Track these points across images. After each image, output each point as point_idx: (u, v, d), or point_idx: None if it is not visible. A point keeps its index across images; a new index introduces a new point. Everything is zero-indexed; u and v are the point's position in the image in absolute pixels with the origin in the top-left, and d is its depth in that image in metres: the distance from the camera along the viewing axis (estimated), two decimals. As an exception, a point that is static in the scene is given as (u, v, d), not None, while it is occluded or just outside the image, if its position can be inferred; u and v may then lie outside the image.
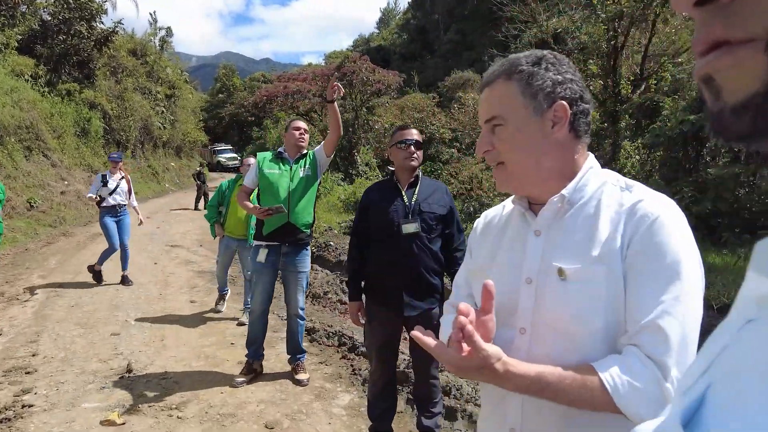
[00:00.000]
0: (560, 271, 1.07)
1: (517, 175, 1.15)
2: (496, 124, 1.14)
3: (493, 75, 1.16)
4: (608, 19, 11.85)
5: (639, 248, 1.01)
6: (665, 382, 0.95)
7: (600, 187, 1.13)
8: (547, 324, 1.09)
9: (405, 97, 27.45)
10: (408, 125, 3.08)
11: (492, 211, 1.37)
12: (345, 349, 4.71)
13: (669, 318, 0.96)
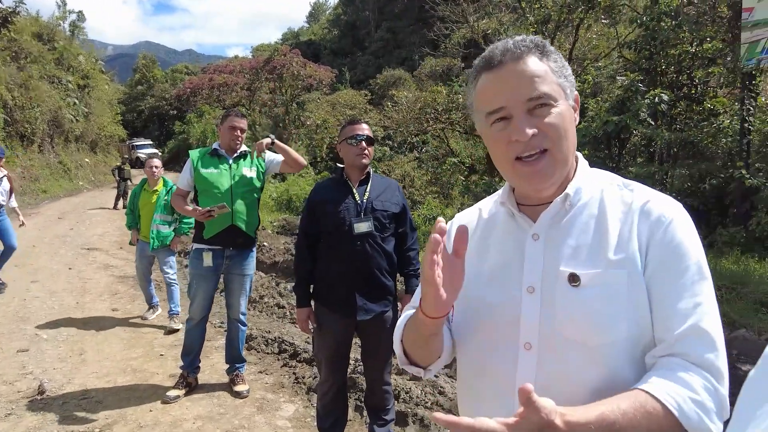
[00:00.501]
0: (573, 277, 0.96)
1: (563, 165, 1.01)
2: (543, 103, 0.97)
3: (523, 48, 1.00)
4: (536, 22, 12.24)
5: (661, 251, 0.94)
6: (720, 387, 0.88)
7: (598, 186, 1.05)
8: (561, 336, 0.96)
9: (337, 93, 27.21)
10: (359, 119, 2.92)
11: (464, 215, 1.23)
12: (286, 356, 4.47)
13: (709, 319, 0.91)
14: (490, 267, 1.09)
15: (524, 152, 0.98)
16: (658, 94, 8.54)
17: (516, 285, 1.02)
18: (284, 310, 5.90)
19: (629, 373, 0.94)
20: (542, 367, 0.98)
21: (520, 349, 1.00)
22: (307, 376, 4.01)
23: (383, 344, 2.88)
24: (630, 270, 0.94)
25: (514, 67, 0.98)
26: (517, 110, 0.97)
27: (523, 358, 0.99)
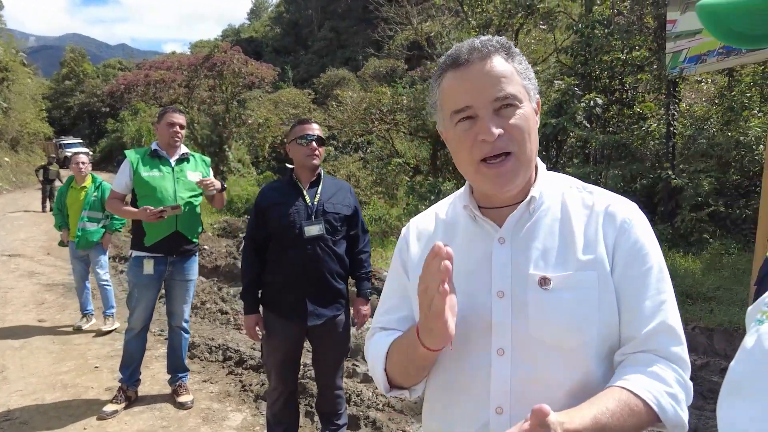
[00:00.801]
0: (544, 280, 0.97)
1: (525, 168, 1.00)
2: (509, 104, 0.96)
3: (490, 47, 0.98)
4: (478, 26, 12.52)
5: (627, 254, 0.98)
6: (686, 377, 0.95)
7: (559, 189, 1.06)
8: (534, 340, 0.96)
9: (279, 91, 26.77)
10: (309, 119, 2.85)
11: (421, 221, 1.19)
12: (231, 363, 4.32)
13: (673, 315, 0.97)
14: (456, 273, 1.03)
15: (490, 153, 0.96)
16: (593, 98, 8.94)
17: (485, 290, 1.01)
18: (228, 315, 5.70)
19: (599, 372, 0.97)
20: (516, 372, 0.97)
21: (493, 356, 0.98)
22: (254, 384, 3.88)
23: (335, 348, 2.83)
24: (599, 271, 0.96)
25: (481, 67, 0.97)
26: (483, 110, 0.96)
27: (497, 365, 0.98)
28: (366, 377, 3.94)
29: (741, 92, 8.69)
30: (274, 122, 20.99)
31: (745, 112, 8.44)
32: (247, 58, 21.89)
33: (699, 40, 7.50)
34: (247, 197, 14.85)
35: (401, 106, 15.13)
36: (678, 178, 8.00)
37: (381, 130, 15.95)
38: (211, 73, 20.11)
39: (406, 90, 17.19)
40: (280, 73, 25.71)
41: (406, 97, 15.44)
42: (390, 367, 1.07)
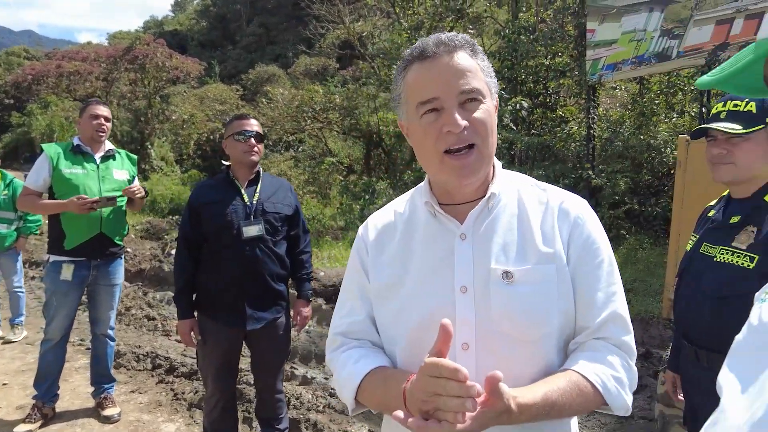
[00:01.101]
0: (506, 274, 0.99)
1: (486, 162, 1.02)
2: (474, 98, 0.98)
3: (456, 42, 1.00)
4: (409, 28, 12.69)
5: (580, 248, 1.03)
6: (632, 363, 1.02)
7: (515, 186, 1.10)
8: (498, 334, 0.99)
9: (205, 87, 25.79)
10: (247, 114, 2.75)
11: (379, 218, 1.17)
12: (161, 371, 4.09)
13: (621, 304, 1.03)
14: (418, 270, 1.06)
15: (455, 145, 0.97)
16: (519, 101, 9.32)
17: (448, 286, 1.02)
18: (155, 321, 5.41)
19: (557, 361, 1.02)
20: (481, 367, 0.98)
21: (458, 351, 0.99)
22: (187, 392, 3.70)
23: (275, 352, 2.76)
24: (558, 264, 1.01)
25: (448, 60, 0.98)
26: (449, 102, 0.97)
27: (461, 360, 0.98)
28: (305, 380, 3.87)
29: (651, 99, 9.39)
30: (199, 119, 20.18)
31: (654, 118, 9.13)
32: (172, 51, 20.94)
33: (615, 50, 8.02)
34: (172, 197, 14.19)
35: (334, 104, 15.05)
36: (597, 178, 8.51)
37: (313, 128, 15.78)
38: (132, 66, 19.04)
39: (338, 89, 17.12)
40: (206, 68, 24.82)
41: (339, 96, 15.38)
42: (364, 400, 1.05)
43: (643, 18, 7.64)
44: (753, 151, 1.61)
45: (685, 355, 1.77)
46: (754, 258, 1.54)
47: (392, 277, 1.08)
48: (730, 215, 1.68)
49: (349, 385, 1.04)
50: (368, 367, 1.04)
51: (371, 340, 1.12)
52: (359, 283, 1.14)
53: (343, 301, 1.17)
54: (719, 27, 6.98)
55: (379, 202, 11.89)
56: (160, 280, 6.91)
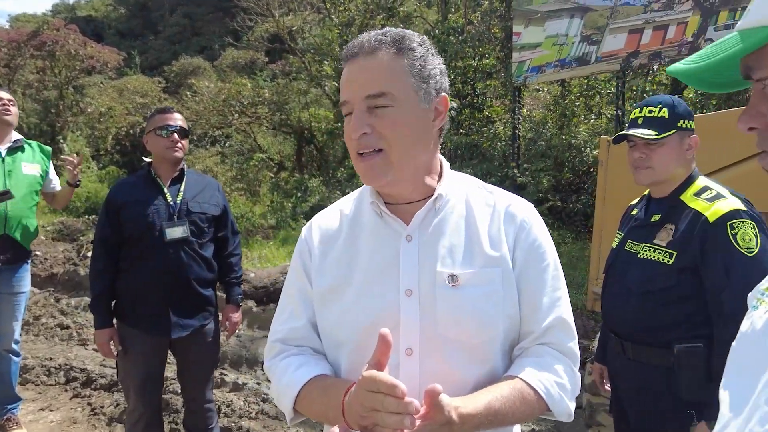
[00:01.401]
0: (452, 278, 0.98)
1: (398, 167, 0.98)
2: (381, 104, 0.95)
3: (377, 42, 0.96)
4: (340, 23, 12.60)
5: (526, 252, 1.02)
6: (576, 369, 1.02)
7: (463, 188, 1.08)
8: (442, 338, 0.97)
9: (125, 78, 24.32)
10: (170, 108, 2.58)
11: (324, 219, 1.14)
12: (77, 385, 3.79)
13: (566, 309, 1.03)
14: (364, 272, 1.03)
15: (360, 149, 0.97)
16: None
17: (393, 289, 0.99)
18: (69, 330, 5.01)
19: (502, 366, 1.01)
20: (425, 372, 0.96)
21: (401, 356, 0.97)
22: (106, 405, 3.45)
23: (203, 361, 2.62)
24: (503, 268, 1.00)
25: (363, 62, 0.96)
26: (356, 106, 0.96)
27: (405, 365, 0.97)
28: (236, 386, 3.72)
29: (572, 101, 9.90)
30: (118, 112, 18.97)
31: (574, 119, 9.63)
32: (86, 39, 19.52)
33: (539, 53, 8.36)
34: (88, 195, 13.26)
35: (263, 99, 14.68)
36: (522, 176, 8.86)
37: (241, 123, 15.31)
38: (39, 53, 17.56)
39: (267, 83, 16.71)
40: (125, 59, 23.41)
41: (269, 91, 15.02)
42: (303, 409, 1.02)
43: (565, 24, 8.03)
44: (667, 154, 1.72)
45: (611, 347, 1.85)
46: (672, 254, 1.63)
47: (337, 279, 1.05)
48: (652, 214, 1.78)
49: (288, 393, 1.01)
50: (308, 375, 1.01)
51: (312, 347, 1.09)
52: (300, 287, 1.10)
53: (284, 306, 1.13)
54: (631, 36, 7.46)
55: (311, 199, 11.74)
56: (75, 285, 6.42)
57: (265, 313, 5.15)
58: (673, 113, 1.72)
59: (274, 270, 6.30)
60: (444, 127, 1.04)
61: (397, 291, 0.99)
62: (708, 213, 1.61)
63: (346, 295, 1.02)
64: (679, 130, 1.71)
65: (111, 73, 20.94)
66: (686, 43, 6.98)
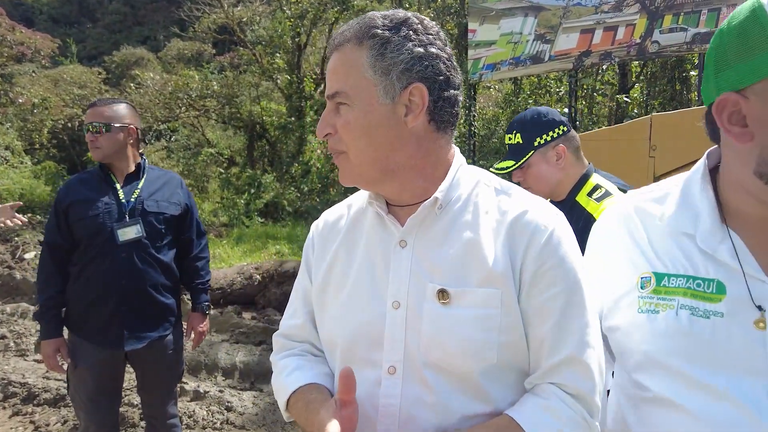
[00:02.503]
0: (442, 294, 0.86)
1: (362, 170, 0.91)
2: (340, 102, 0.89)
3: (343, 37, 0.90)
4: (293, 16, 12.34)
5: (539, 271, 0.86)
6: (591, 418, 0.86)
7: (474, 189, 0.94)
8: (426, 361, 0.87)
9: (60, 67, 22.91)
10: (100, 100, 2.37)
11: (333, 213, 1.07)
12: (16, 401, 3.48)
13: (588, 349, 0.86)
14: (355, 276, 0.95)
15: (331, 150, 0.94)
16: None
17: (381, 299, 0.91)
18: (6, 341, 4.61)
19: (503, 399, 0.88)
20: (407, 395, 0.88)
21: (383, 373, 0.89)
22: (52, 423, 3.18)
23: (164, 374, 2.42)
24: (504, 289, 0.86)
25: (331, 59, 0.93)
26: (328, 106, 0.93)
27: (386, 384, 0.89)
28: (197, 394, 3.52)
29: (524, 99, 10.10)
30: (54, 103, 17.85)
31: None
32: (15, 23, 18.23)
33: (494, 50, 8.46)
34: (22, 191, 12.42)
35: (212, 92, 14.20)
36: (478, 172, 8.97)
37: (189, 116, 14.76)
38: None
39: (215, 75, 16.16)
40: (60, 47, 22.07)
41: (217, 83, 14.54)
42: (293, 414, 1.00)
43: (519, 22, 8.15)
44: (536, 173, 1.80)
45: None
46: None
47: (331, 279, 0.99)
48: None
49: (281, 396, 1.01)
50: (298, 383, 0.98)
51: (313, 344, 1.06)
52: (303, 284, 1.07)
53: (291, 302, 1.10)
54: (583, 36, 7.67)
55: (266, 196, 11.45)
56: (10, 290, 5.95)
57: (222, 316, 4.94)
58: (527, 136, 1.78)
59: (230, 271, 6.06)
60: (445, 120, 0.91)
61: (384, 302, 0.90)
62: (596, 213, 1.64)
63: (338, 298, 0.96)
64: (538, 149, 1.77)
65: (45, 61, 19.66)
66: (634, 44, 7.24)
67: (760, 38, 0.68)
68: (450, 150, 0.96)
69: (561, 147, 1.77)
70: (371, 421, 0.89)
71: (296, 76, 13.26)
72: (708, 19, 6.75)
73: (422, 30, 0.89)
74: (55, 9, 36.59)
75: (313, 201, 11.29)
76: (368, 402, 0.89)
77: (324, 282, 1.00)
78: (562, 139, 1.78)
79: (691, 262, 0.81)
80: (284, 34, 13.34)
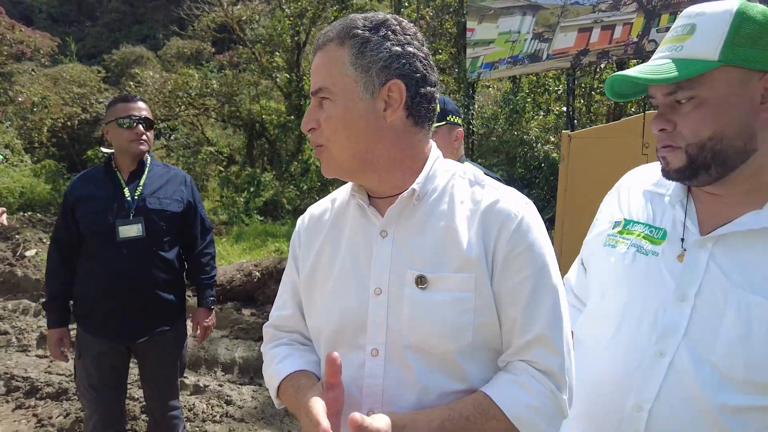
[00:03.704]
0: (420, 279, 0.93)
1: (341, 163, 0.98)
2: (323, 97, 0.95)
3: (327, 37, 0.96)
4: (292, 15, 12.37)
5: (509, 255, 0.92)
6: (560, 393, 0.92)
7: (449, 181, 1.01)
8: (406, 343, 0.93)
9: (60, 66, 22.92)
10: (134, 96, 2.41)
11: (318, 207, 1.13)
12: (19, 395, 3.53)
13: (555, 327, 0.93)
14: (339, 266, 1.02)
15: (313, 144, 0.99)
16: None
17: (364, 286, 0.97)
18: (8, 336, 4.66)
19: (478, 377, 0.94)
20: (389, 375, 0.94)
21: (367, 356, 0.95)
22: (55, 416, 3.23)
23: (166, 368, 2.48)
24: (478, 274, 0.92)
25: (316, 59, 0.98)
26: (312, 102, 0.97)
27: (369, 365, 0.95)
28: (197, 388, 3.58)
29: (523, 98, 10.13)
30: (54, 102, 17.87)
31: (526, 115, 9.86)
32: (14, 22, 18.24)
33: (492, 49, 8.50)
34: (22, 190, 12.45)
35: (212, 90, 14.22)
36: (477, 171, 9.00)
37: (188, 115, 14.78)
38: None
39: (215, 74, 16.17)
40: (60, 45, 22.06)
41: (217, 82, 14.55)
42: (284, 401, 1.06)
43: (517, 21, 8.19)
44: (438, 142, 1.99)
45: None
46: None
47: (317, 270, 1.05)
48: None
49: (272, 383, 1.06)
50: (288, 370, 1.04)
51: (302, 334, 1.12)
52: (291, 276, 1.12)
53: (280, 294, 1.16)
54: (581, 34, 7.71)
55: (265, 194, 11.49)
56: (12, 287, 5.99)
57: (222, 313, 4.99)
58: (444, 109, 2.03)
59: (229, 267, 6.11)
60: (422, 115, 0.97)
61: (367, 288, 0.97)
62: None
63: (325, 288, 1.02)
64: (448, 123, 2.06)
65: (44, 60, 19.67)
66: (632, 43, 7.28)
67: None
68: (427, 144, 1.03)
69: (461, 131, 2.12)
70: (356, 402, 0.95)
71: (295, 74, 13.28)
72: (704, 18, 6.80)
73: (400, 30, 0.96)
74: (55, 7, 36.57)
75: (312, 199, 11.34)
76: (353, 384, 0.95)
77: (311, 273, 1.06)
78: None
79: (653, 214, 1.06)
80: (283, 33, 13.35)
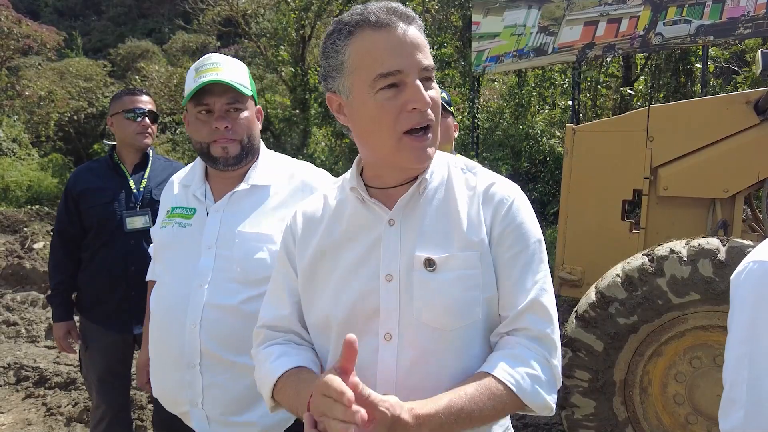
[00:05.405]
0: (429, 262, 0.96)
1: (436, 144, 0.99)
2: (429, 76, 0.95)
3: (407, 16, 0.95)
4: (297, 8, 12.35)
5: (504, 233, 0.99)
6: (552, 358, 0.96)
7: (445, 170, 1.06)
8: (420, 324, 0.96)
9: (66, 60, 23.01)
10: (139, 89, 2.45)
11: (309, 206, 1.14)
12: (29, 384, 3.59)
13: (546, 294, 0.98)
14: (345, 259, 1.03)
15: (418, 124, 0.94)
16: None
17: (374, 274, 0.99)
18: (17, 327, 4.73)
19: (482, 353, 0.99)
20: (402, 357, 0.96)
21: (381, 341, 0.97)
22: (64, 405, 3.28)
23: None
24: (482, 252, 0.97)
25: (409, 32, 0.94)
26: (413, 77, 0.93)
27: (383, 350, 0.97)
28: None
29: (528, 92, 10.10)
30: (60, 96, 17.95)
31: (531, 109, 9.83)
32: (20, 16, 18.28)
33: (497, 43, 8.47)
34: (30, 183, 12.55)
35: (217, 84, 14.23)
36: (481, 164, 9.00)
37: (194, 110, 14.80)
38: (-32, 29, 16.32)
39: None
40: (66, 39, 22.13)
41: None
42: (280, 400, 1.03)
43: (523, 14, 8.15)
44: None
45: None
46: None
47: (319, 265, 1.05)
48: None
49: (266, 382, 1.03)
50: (285, 366, 1.01)
51: (298, 334, 1.10)
52: (285, 274, 1.11)
53: (271, 292, 1.14)
54: (587, 28, 7.66)
55: (270, 188, 11.50)
56: (20, 279, 6.06)
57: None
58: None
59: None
60: None
61: (377, 276, 0.98)
62: None
63: (331, 281, 1.03)
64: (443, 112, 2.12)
65: (50, 54, 19.73)
66: (638, 36, 7.23)
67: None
68: None
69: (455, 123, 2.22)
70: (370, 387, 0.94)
71: (300, 68, 13.28)
72: (712, 11, 6.73)
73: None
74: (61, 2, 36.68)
75: (317, 193, 11.33)
76: (367, 370, 0.96)
77: (311, 270, 1.06)
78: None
79: (186, 200, 1.55)
80: (288, 27, 13.35)
